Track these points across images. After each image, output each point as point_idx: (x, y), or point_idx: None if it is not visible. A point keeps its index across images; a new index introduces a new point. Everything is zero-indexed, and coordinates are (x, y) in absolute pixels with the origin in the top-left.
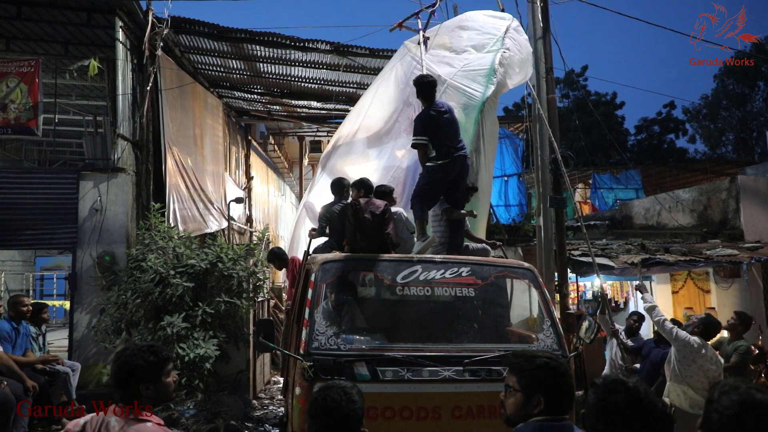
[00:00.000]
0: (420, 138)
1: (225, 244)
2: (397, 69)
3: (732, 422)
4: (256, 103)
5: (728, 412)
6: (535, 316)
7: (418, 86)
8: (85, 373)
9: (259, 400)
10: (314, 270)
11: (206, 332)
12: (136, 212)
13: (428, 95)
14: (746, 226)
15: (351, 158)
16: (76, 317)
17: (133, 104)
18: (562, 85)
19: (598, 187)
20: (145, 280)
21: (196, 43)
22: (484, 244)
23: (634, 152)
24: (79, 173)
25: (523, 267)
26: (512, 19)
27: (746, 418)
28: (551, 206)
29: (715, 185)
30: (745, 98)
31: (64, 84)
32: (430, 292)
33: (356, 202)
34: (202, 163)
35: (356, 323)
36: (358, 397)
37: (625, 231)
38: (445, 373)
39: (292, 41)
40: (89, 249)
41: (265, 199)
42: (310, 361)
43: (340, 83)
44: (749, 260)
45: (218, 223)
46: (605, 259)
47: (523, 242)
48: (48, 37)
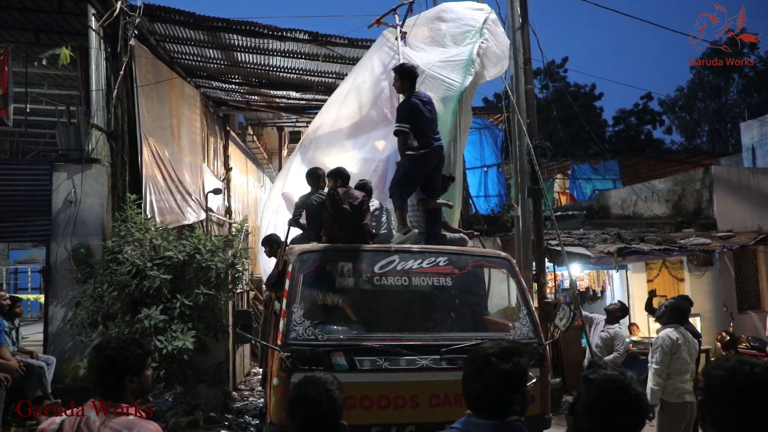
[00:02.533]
0: (403, 125)
1: (203, 236)
2: (375, 59)
3: (725, 382)
4: (235, 94)
5: (721, 374)
6: (512, 305)
7: (399, 74)
8: (61, 367)
9: (239, 391)
10: (291, 261)
11: (185, 324)
12: (111, 204)
13: (410, 83)
14: (719, 215)
15: (329, 149)
16: (51, 311)
17: (107, 94)
18: (542, 76)
19: (576, 178)
20: (122, 273)
21: (172, 32)
22: (462, 233)
23: (612, 143)
24: (53, 164)
25: (500, 256)
26: (490, 11)
27: (737, 377)
28: (529, 197)
29: (690, 176)
30: (720, 90)
31: (36, 73)
32: (408, 281)
33: (334, 192)
34: (179, 154)
35: (334, 314)
36: (338, 392)
37: (603, 221)
38: (423, 362)
39: (270, 30)
40: (64, 241)
41: (244, 190)
42: (287, 352)
43: (318, 73)
44: (722, 249)
45: (196, 214)
46: (582, 248)
47: (502, 232)
48: (18, 25)
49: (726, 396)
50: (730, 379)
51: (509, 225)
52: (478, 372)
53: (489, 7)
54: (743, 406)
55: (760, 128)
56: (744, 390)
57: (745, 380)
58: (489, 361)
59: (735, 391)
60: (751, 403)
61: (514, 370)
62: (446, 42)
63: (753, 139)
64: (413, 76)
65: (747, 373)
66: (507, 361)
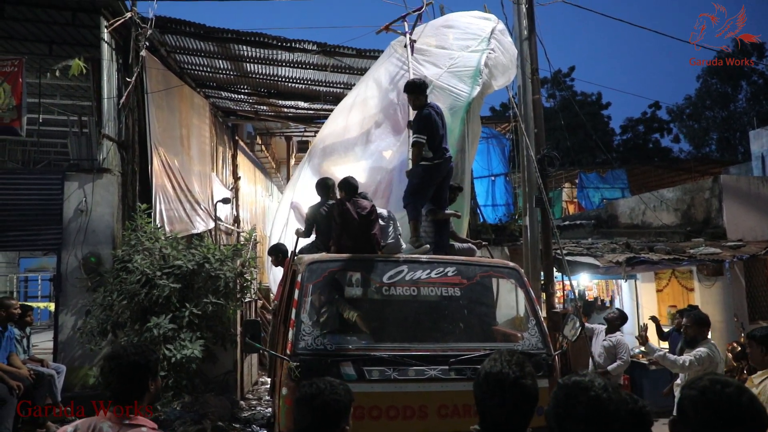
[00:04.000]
0: (420, 136)
1: (212, 245)
2: (383, 70)
3: (696, 402)
4: (243, 103)
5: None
6: (521, 315)
7: (410, 91)
8: (71, 376)
9: (246, 400)
10: (301, 270)
11: (193, 333)
12: (122, 213)
13: (423, 96)
14: (729, 224)
15: (337, 158)
16: (61, 319)
17: (119, 104)
18: (549, 85)
19: (584, 187)
20: (132, 281)
21: (182, 43)
22: (470, 243)
23: (620, 152)
24: (64, 174)
25: (508, 266)
26: (498, 21)
27: (708, 397)
28: (537, 206)
29: (699, 185)
30: (728, 98)
31: (49, 84)
32: (416, 291)
33: (342, 203)
34: (188, 164)
35: (343, 323)
36: (344, 392)
37: (611, 230)
38: (431, 372)
39: (279, 41)
40: (74, 250)
41: (252, 200)
42: (296, 362)
43: (327, 83)
44: (732, 259)
45: (205, 223)
46: (590, 258)
47: (510, 242)
48: (32, 37)
49: (697, 416)
50: (701, 399)
51: (517, 234)
52: (496, 386)
53: (496, 18)
54: (715, 427)
55: None
56: (715, 410)
57: (716, 400)
58: (508, 376)
59: (706, 412)
60: (723, 424)
61: (534, 385)
62: (453, 51)
63: (762, 148)
64: (423, 88)
65: (718, 392)
66: (528, 376)
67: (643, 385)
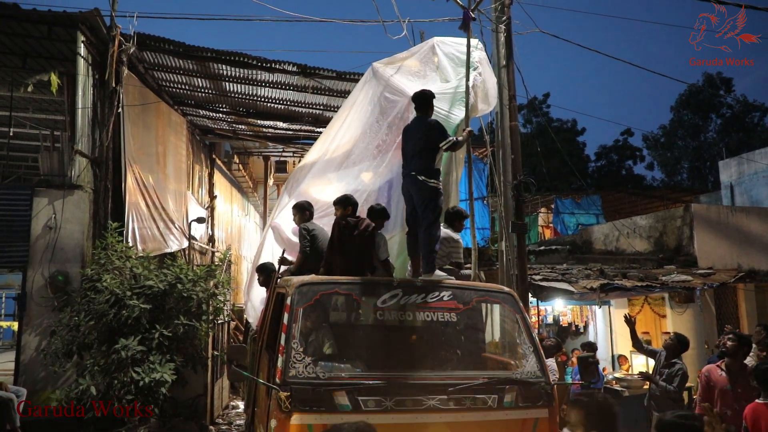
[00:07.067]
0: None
1: (185, 265)
2: (362, 94)
3: None
4: (221, 122)
5: None
6: (496, 339)
7: (419, 100)
8: (32, 399)
9: (216, 425)
10: (290, 293)
11: (163, 356)
12: (92, 231)
13: (428, 108)
14: (700, 252)
15: (315, 180)
16: (25, 339)
17: (93, 120)
18: (525, 111)
19: (560, 212)
20: (100, 301)
21: (161, 60)
22: (465, 268)
23: (594, 178)
24: (33, 189)
25: (504, 291)
26: (481, 48)
27: None
28: (513, 231)
29: (671, 213)
30: (699, 129)
31: (21, 97)
32: (412, 316)
33: (344, 220)
34: (164, 181)
35: (335, 350)
36: None
37: (586, 256)
38: (430, 402)
39: (259, 61)
40: (41, 268)
41: (228, 219)
42: (287, 391)
43: (306, 104)
44: (702, 286)
45: (179, 242)
46: (565, 284)
47: (486, 266)
48: (5, 49)
49: None
50: None
51: (494, 258)
52: None
53: (482, 45)
54: None
55: (738, 167)
56: None
57: None
58: None
59: None
60: None
61: None
62: (437, 74)
63: (731, 177)
64: (430, 98)
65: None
66: None
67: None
